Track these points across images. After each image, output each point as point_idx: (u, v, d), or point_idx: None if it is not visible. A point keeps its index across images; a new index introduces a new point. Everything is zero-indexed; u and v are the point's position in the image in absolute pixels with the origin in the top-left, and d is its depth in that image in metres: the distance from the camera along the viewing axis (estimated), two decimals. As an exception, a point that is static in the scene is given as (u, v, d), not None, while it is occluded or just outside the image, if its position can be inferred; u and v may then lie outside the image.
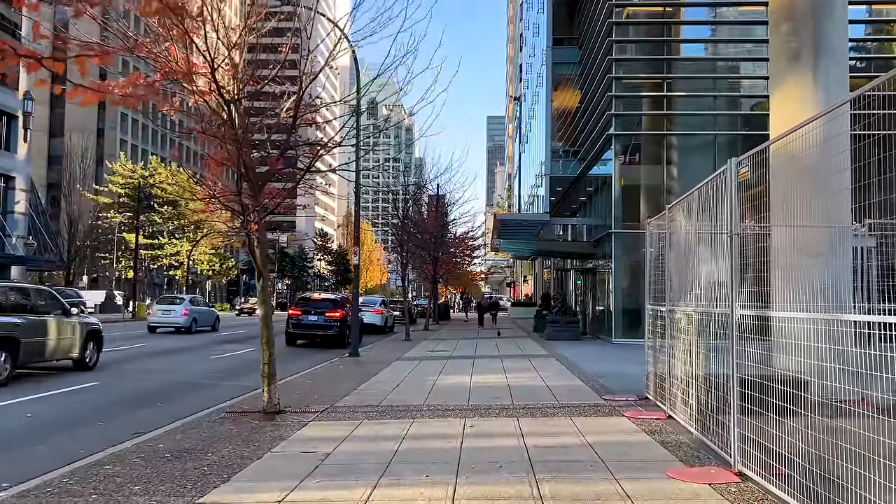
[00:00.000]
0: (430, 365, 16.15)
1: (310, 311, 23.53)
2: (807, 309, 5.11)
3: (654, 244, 10.53)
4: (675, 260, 8.94)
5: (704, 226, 7.50)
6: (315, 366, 16.71)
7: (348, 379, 13.55)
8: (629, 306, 23.42)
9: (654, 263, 10.51)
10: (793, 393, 5.02)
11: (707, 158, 23.41)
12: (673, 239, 9.08)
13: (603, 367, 15.35)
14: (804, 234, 6.08)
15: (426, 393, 11.35)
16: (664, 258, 9.67)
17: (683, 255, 8.47)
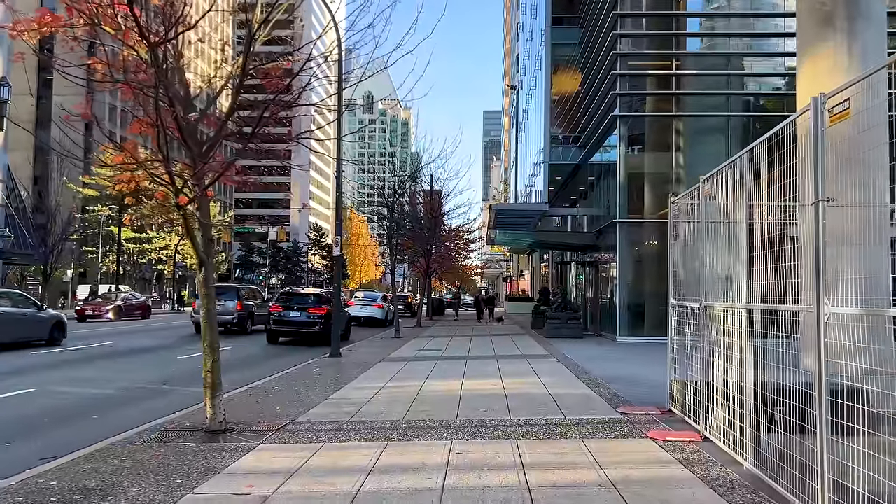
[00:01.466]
0: (417, 367, 14.43)
1: (292, 306, 22.31)
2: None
3: (682, 228, 8.84)
4: (713, 245, 7.23)
5: (765, 196, 5.77)
6: (289, 368, 15.01)
7: (322, 385, 11.83)
8: (634, 302, 21.75)
9: (682, 251, 8.81)
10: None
11: (719, 143, 21.74)
12: (710, 219, 7.37)
13: (611, 370, 13.65)
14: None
15: (408, 403, 9.62)
16: (696, 244, 7.99)
17: (727, 237, 6.76)
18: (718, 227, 7.08)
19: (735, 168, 6.40)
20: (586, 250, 26.47)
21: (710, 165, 8.63)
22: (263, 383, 12.25)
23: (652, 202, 22.11)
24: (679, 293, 8.66)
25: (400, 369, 13.98)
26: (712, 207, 7.31)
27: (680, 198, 8.69)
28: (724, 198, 6.81)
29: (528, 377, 12.49)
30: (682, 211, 8.70)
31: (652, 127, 22.51)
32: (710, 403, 7.13)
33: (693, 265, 8.16)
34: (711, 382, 7.09)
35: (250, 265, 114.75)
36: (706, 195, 7.42)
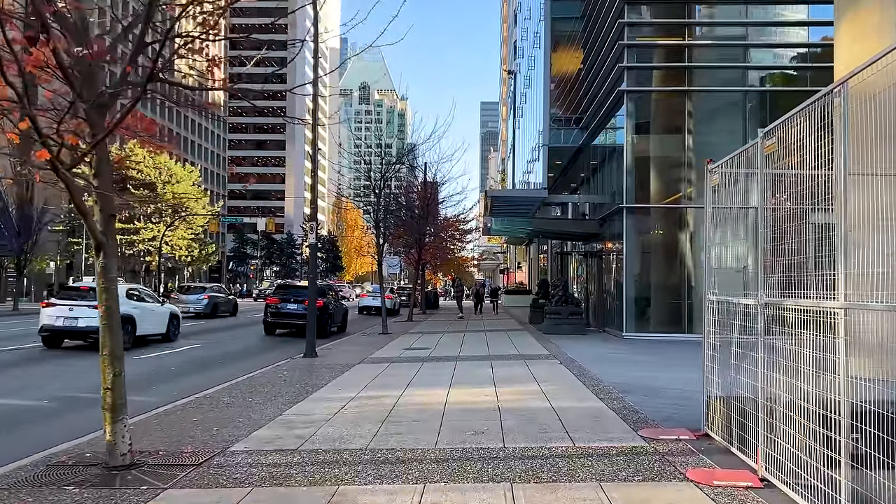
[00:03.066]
0: (399, 371, 12.58)
1: (289, 298, 22.35)
2: None
3: (723, 202, 6.99)
4: (783, 223, 5.38)
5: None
6: (257, 370, 13.20)
7: (283, 394, 9.98)
8: (643, 295, 19.93)
9: (724, 233, 6.97)
10: None
11: (735, 121, 19.88)
12: (778, 186, 5.53)
13: (622, 375, 11.81)
14: None
15: (379, 422, 7.77)
16: (741, 224, 6.16)
17: (800, 212, 4.91)
18: (791, 200, 5.21)
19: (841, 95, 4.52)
20: (589, 239, 24.59)
21: (725, 146, 7.23)
22: (216, 391, 10.42)
23: (662, 187, 20.25)
24: (721, 286, 6.80)
25: (379, 373, 12.12)
26: (779, 174, 5.44)
27: (723, 163, 6.81)
28: (811, 153, 4.94)
29: (526, 384, 10.64)
30: (726, 181, 6.83)
31: (662, 104, 20.63)
32: (771, 434, 5.29)
33: (741, 251, 6.33)
34: (774, 405, 5.25)
35: (244, 257, 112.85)
36: (768, 152, 5.55)
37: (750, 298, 5.78)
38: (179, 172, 75.26)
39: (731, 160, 6.61)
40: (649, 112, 20.53)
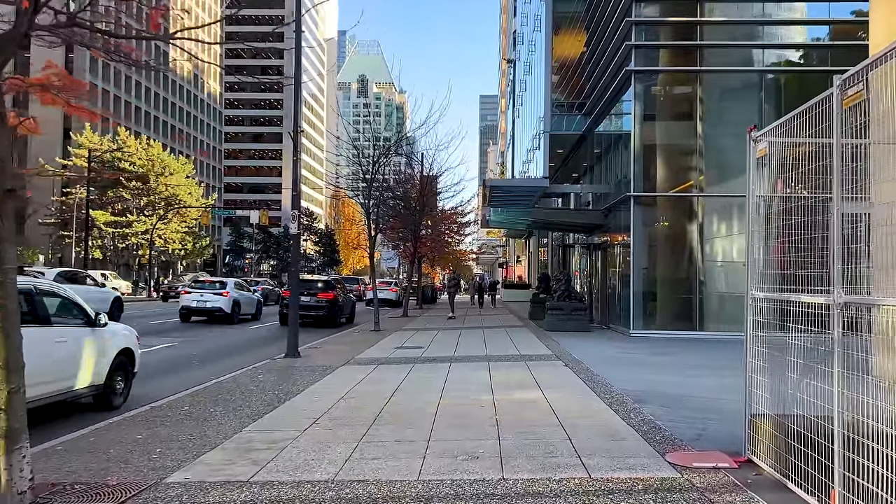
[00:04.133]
0: (387, 374, 11.33)
1: (302, 291, 22.92)
2: None
3: (772, 179, 5.75)
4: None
5: None
6: (231, 372, 11.98)
7: (250, 403, 8.74)
8: (651, 290, 18.69)
9: (776, 216, 5.74)
10: None
11: (750, 104, 18.61)
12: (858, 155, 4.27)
13: (636, 379, 10.57)
14: None
15: (353, 442, 6.53)
16: (810, 203, 4.92)
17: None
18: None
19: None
20: (593, 231, 23.34)
21: (740, 130, 6.17)
22: (175, 400, 9.18)
23: (672, 174, 19.02)
24: (778, 281, 5.54)
25: (363, 378, 10.87)
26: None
27: (773, 129, 5.53)
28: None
29: (528, 392, 9.38)
30: (785, 152, 5.56)
31: (672, 85, 19.36)
32: (852, 473, 4.04)
33: (800, 238, 5.09)
34: (856, 435, 4.00)
35: (240, 251, 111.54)
36: (854, 102, 4.27)
37: (819, 296, 4.51)
38: (173, 164, 73.89)
39: (786, 124, 5.34)
40: (659, 94, 19.26)
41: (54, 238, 71.94)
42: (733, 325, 18.19)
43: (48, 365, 7.84)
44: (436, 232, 35.37)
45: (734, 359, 14.31)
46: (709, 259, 18.60)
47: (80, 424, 7.65)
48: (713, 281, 18.64)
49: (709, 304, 18.38)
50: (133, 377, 9.84)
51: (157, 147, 74.33)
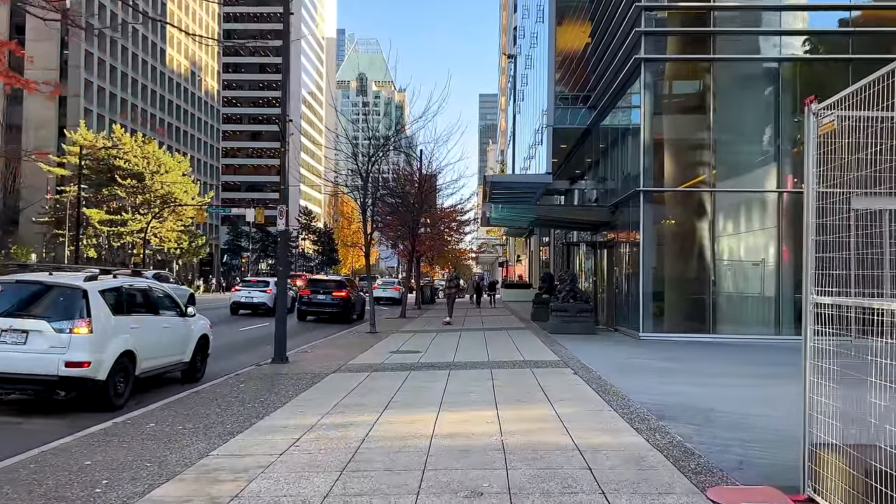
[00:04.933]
0: (379, 384, 10.34)
1: (318, 290, 26.29)
2: None
3: (839, 158, 4.76)
4: None
5: None
6: (212, 379, 11.05)
7: (224, 419, 7.78)
8: (662, 290, 17.71)
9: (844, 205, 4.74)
10: None
11: (766, 96, 17.65)
12: None
13: (654, 390, 9.60)
14: None
15: (335, 473, 5.55)
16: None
17: None
18: None
19: None
20: (599, 228, 22.37)
21: (757, 120, 5.48)
22: (142, 414, 8.26)
23: (684, 168, 18.07)
24: (833, 283, 4.56)
25: (354, 388, 9.88)
26: None
27: (845, 96, 4.53)
28: None
29: (537, 406, 8.40)
30: (857, 129, 4.57)
31: (683, 75, 18.38)
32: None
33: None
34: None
35: (239, 250, 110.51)
36: None
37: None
38: (168, 162, 72.82)
39: (861, 91, 4.35)
40: (670, 84, 18.29)
41: (48, 237, 70.94)
42: (748, 328, 17.27)
43: (159, 344, 10.22)
44: (435, 230, 34.42)
45: (753, 364, 13.37)
46: (722, 258, 17.64)
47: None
48: (727, 281, 17.68)
49: (722, 306, 17.42)
50: (208, 357, 12.07)
51: (153, 144, 73.28)
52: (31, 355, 8.31)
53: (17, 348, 8.32)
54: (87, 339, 8.45)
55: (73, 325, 8.46)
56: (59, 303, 8.84)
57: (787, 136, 17.24)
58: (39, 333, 8.40)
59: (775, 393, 9.74)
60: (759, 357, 14.21)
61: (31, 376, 8.33)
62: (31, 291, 9.11)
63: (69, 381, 8.35)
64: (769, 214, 17.33)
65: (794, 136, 17.22)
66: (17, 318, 8.54)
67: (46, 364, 8.28)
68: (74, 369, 8.30)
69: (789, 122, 17.10)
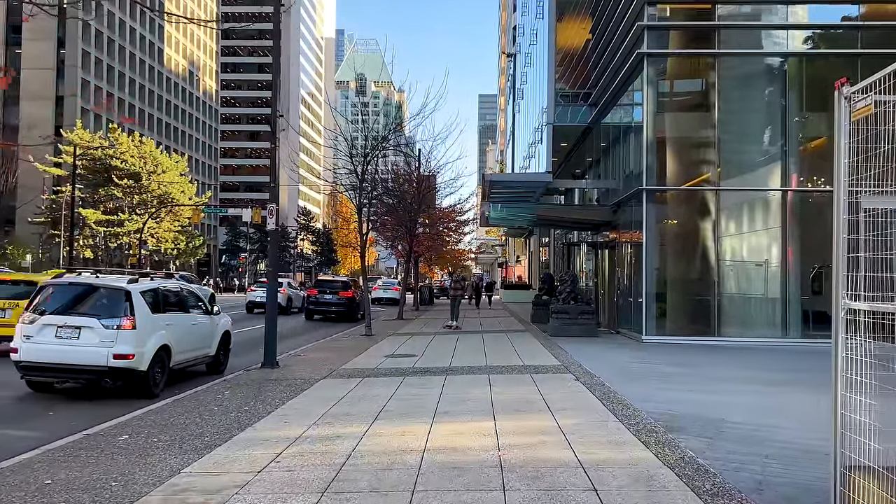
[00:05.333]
0: (371, 390, 9.85)
1: (325, 290, 27.75)
2: None
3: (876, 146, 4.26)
4: None
5: None
6: (196, 387, 10.55)
7: (203, 430, 7.30)
8: (665, 291, 17.24)
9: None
10: None
11: (773, 91, 17.19)
12: None
13: (660, 397, 9.11)
14: None
15: (317, 494, 5.06)
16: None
17: None
18: None
19: None
20: (600, 228, 21.88)
21: (763, 117, 5.08)
22: (117, 424, 7.78)
23: (688, 166, 17.61)
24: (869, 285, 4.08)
25: (344, 395, 9.39)
26: None
27: (884, 77, 4.04)
28: None
29: (537, 416, 7.90)
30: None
31: (688, 70, 17.92)
32: None
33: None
34: None
35: (237, 250, 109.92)
36: None
37: None
38: (165, 162, 72.27)
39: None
40: (673, 79, 17.82)
41: (44, 237, 70.42)
42: (753, 330, 16.79)
43: (190, 339, 11.12)
44: (433, 230, 33.93)
45: (761, 369, 12.86)
46: (727, 258, 17.16)
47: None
48: (732, 282, 17.20)
49: (726, 308, 16.94)
50: (229, 352, 13.01)
51: (150, 144, 72.74)
52: (84, 349, 9.45)
53: (71, 342, 9.47)
54: (131, 334, 9.56)
55: (119, 322, 9.53)
56: (106, 302, 9.88)
57: (794, 132, 16.76)
58: (91, 329, 9.51)
59: (787, 401, 9.28)
60: (765, 361, 13.73)
61: (84, 367, 9.52)
62: (81, 292, 10.16)
63: (116, 372, 9.53)
64: (775, 213, 16.85)
65: (800, 133, 16.76)
66: (70, 315, 9.66)
67: (97, 356, 9.43)
68: (121, 361, 9.44)
69: (796, 119, 16.63)
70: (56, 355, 9.45)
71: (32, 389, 10.25)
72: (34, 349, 9.50)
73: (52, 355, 9.46)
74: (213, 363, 12.23)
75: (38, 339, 9.50)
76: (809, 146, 17.09)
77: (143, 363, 9.63)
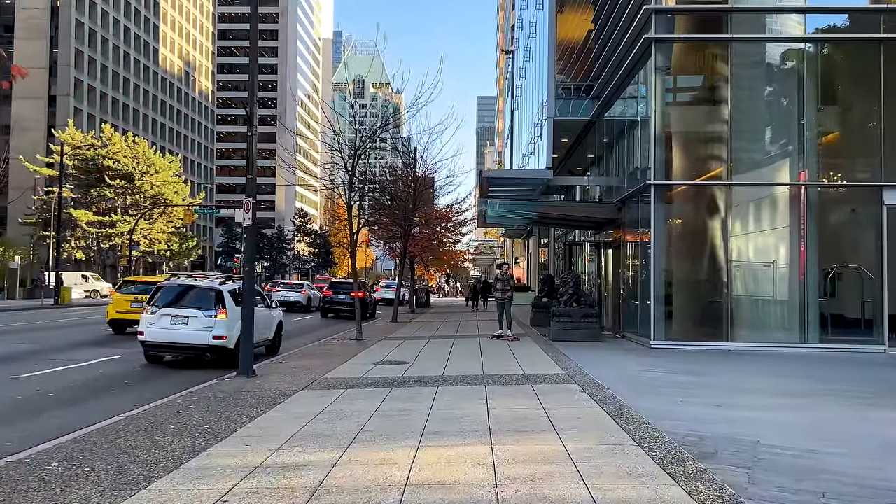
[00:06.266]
0: (353, 405, 8.74)
1: (339, 291, 30.55)
2: None
3: None
4: None
5: None
6: (159, 398, 9.46)
7: (150, 456, 6.20)
8: (674, 293, 16.15)
9: None
10: None
11: (789, 79, 16.13)
12: None
13: (680, 413, 8.02)
14: None
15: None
16: None
17: None
18: None
19: None
20: (603, 227, 20.79)
21: (779, 108, 4.26)
22: (55, 445, 6.68)
23: (698, 160, 16.53)
24: None
25: (320, 412, 8.27)
26: None
27: None
28: None
29: (540, 439, 6.78)
30: None
31: (697, 58, 16.83)
32: None
33: None
34: None
35: (234, 252, 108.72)
36: None
37: None
38: (159, 162, 71.09)
39: None
40: (682, 67, 16.75)
41: (35, 238, 69.22)
42: (768, 335, 15.73)
43: (258, 326, 12.66)
44: (430, 230, 32.83)
45: (783, 377, 11.72)
46: (740, 258, 16.09)
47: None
48: (745, 283, 16.13)
49: (740, 311, 15.87)
50: (282, 338, 16.12)
51: (143, 144, 71.57)
52: (191, 332, 13.01)
53: (181, 328, 13.02)
54: (224, 321, 12.98)
55: (215, 313, 13.02)
56: (205, 298, 13.32)
57: (814, 123, 15.70)
58: (196, 318, 13.02)
59: (824, 418, 8.19)
60: (786, 369, 12.66)
61: (192, 345, 13.09)
62: (187, 291, 13.74)
63: (214, 349, 13.04)
64: (792, 210, 15.76)
65: (821, 124, 15.69)
66: (180, 308, 13.19)
67: (201, 337, 12.97)
68: (217, 341, 12.93)
69: (816, 108, 15.57)
70: (171, 336, 13.00)
71: (148, 361, 13.58)
72: (155, 332, 13.03)
73: (168, 337, 13.02)
74: (271, 346, 15.21)
75: (157, 326, 13.02)
76: (827, 138, 16.05)
77: (231, 343, 12.87)
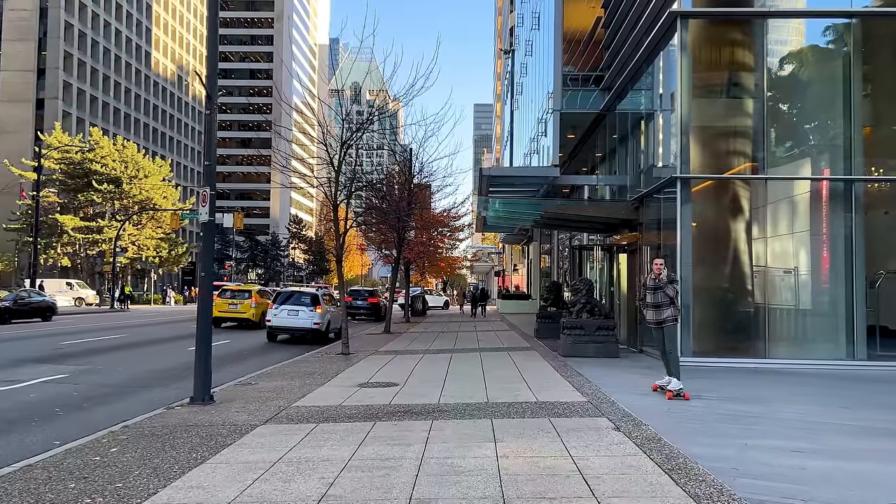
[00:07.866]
0: (319, 450, 6.72)
1: (356, 297, 35.75)
2: None
3: None
4: None
5: None
6: (77, 437, 7.46)
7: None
8: (703, 303, 14.17)
9: None
10: None
11: (833, 59, 14.23)
12: None
13: (747, 461, 6.01)
14: None
15: None
16: None
17: None
18: None
19: None
20: (616, 228, 18.83)
21: (822, 90, 2.83)
22: None
23: (729, 153, 14.58)
24: None
25: (277, 460, 6.26)
26: None
27: None
28: None
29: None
30: None
31: (728, 36, 14.91)
32: None
33: None
34: None
35: (227, 259, 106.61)
36: None
37: None
38: (148, 166, 69.04)
39: None
40: (712, 46, 14.81)
41: (20, 244, 67.10)
42: (811, 351, 13.75)
43: (332, 319, 21.77)
44: (426, 235, 30.91)
45: (843, 405, 9.40)
46: (778, 263, 14.15)
47: None
48: (784, 292, 14.17)
49: (779, 323, 13.93)
50: (332, 330, 22.04)
51: (132, 148, 69.52)
52: (301, 320, 20.49)
53: (294, 318, 20.50)
54: (319, 314, 20.61)
55: (314, 308, 20.61)
56: (307, 299, 20.94)
57: (864, 110, 13.79)
58: (303, 311, 20.53)
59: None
60: (846, 393, 10.67)
61: (301, 328, 20.56)
62: (296, 294, 21.39)
63: (314, 332, 20.54)
64: (840, 209, 13.82)
65: (872, 111, 13.78)
66: (292, 305, 20.71)
67: (307, 323, 20.51)
68: (316, 326, 20.48)
69: (866, 94, 13.66)
70: (287, 323, 20.49)
71: (269, 340, 21.20)
72: (277, 320, 20.58)
73: (285, 323, 20.52)
74: (334, 337, 21.06)
75: (279, 316, 20.54)
76: (879, 128, 14.17)
77: (323, 328, 20.71)
